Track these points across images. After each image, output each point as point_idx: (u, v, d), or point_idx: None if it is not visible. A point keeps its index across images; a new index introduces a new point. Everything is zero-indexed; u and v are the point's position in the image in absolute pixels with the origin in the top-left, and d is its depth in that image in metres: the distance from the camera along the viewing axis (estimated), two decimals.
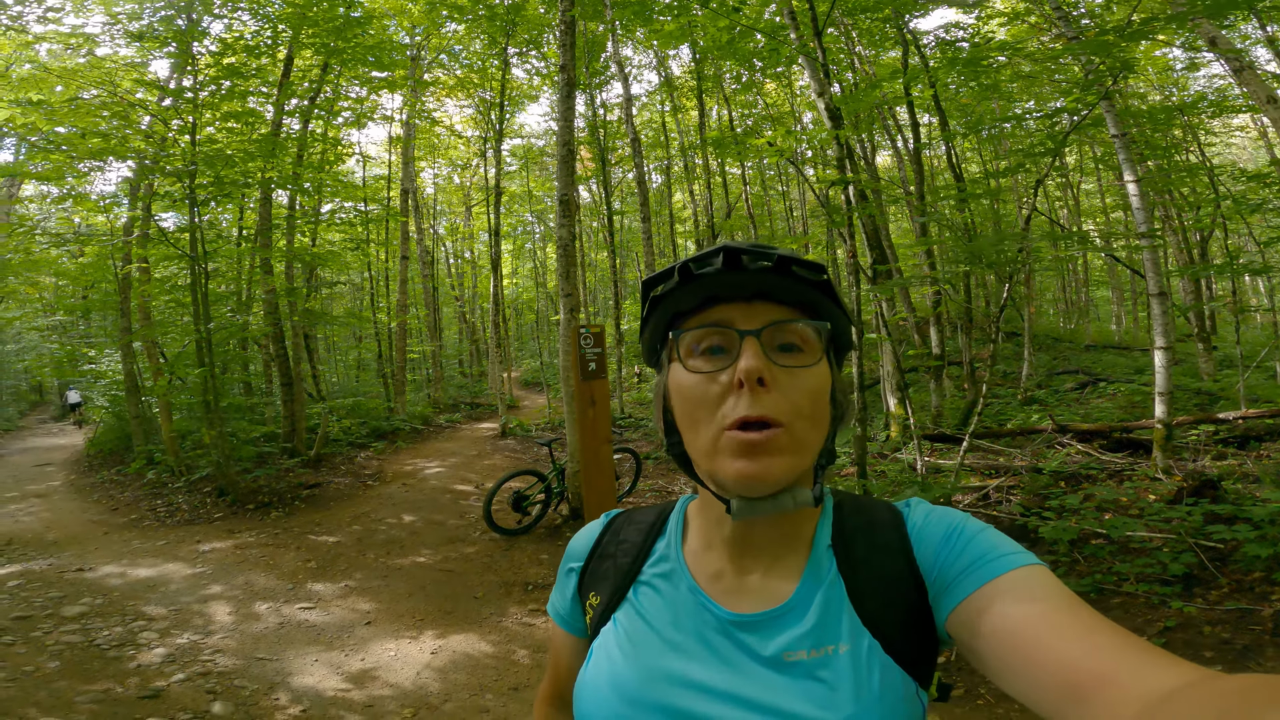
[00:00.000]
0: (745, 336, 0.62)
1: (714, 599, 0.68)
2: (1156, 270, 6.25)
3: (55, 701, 3.14)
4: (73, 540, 6.24)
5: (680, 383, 0.65)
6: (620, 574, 0.75)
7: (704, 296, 0.66)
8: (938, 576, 0.62)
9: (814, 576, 0.66)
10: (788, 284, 0.64)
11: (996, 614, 0.56)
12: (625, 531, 0.79)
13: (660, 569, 0.73)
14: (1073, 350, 15.03)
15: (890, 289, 5.97)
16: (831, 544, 0.68)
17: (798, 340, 0.64)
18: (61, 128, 7.05)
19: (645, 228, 10.67)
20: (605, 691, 0.67)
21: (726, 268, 0.63)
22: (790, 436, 0.61)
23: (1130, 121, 9.09)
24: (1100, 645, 0.49)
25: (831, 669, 0.61)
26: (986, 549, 0.61)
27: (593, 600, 0.76)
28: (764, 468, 0.60)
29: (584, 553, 0.80)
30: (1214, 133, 14.59)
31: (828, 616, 0.64)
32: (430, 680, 3.47)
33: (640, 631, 0.70)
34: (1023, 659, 0.52)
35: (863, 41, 11.46)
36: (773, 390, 0.61)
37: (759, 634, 0.65)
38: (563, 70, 6.11)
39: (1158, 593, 3.66)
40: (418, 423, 12.94)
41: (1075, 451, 6.84)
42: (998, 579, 0.58)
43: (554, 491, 6.24)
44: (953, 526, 0.64)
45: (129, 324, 9.69)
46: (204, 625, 4.15)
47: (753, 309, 0.64)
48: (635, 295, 19.74)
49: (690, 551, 0.73)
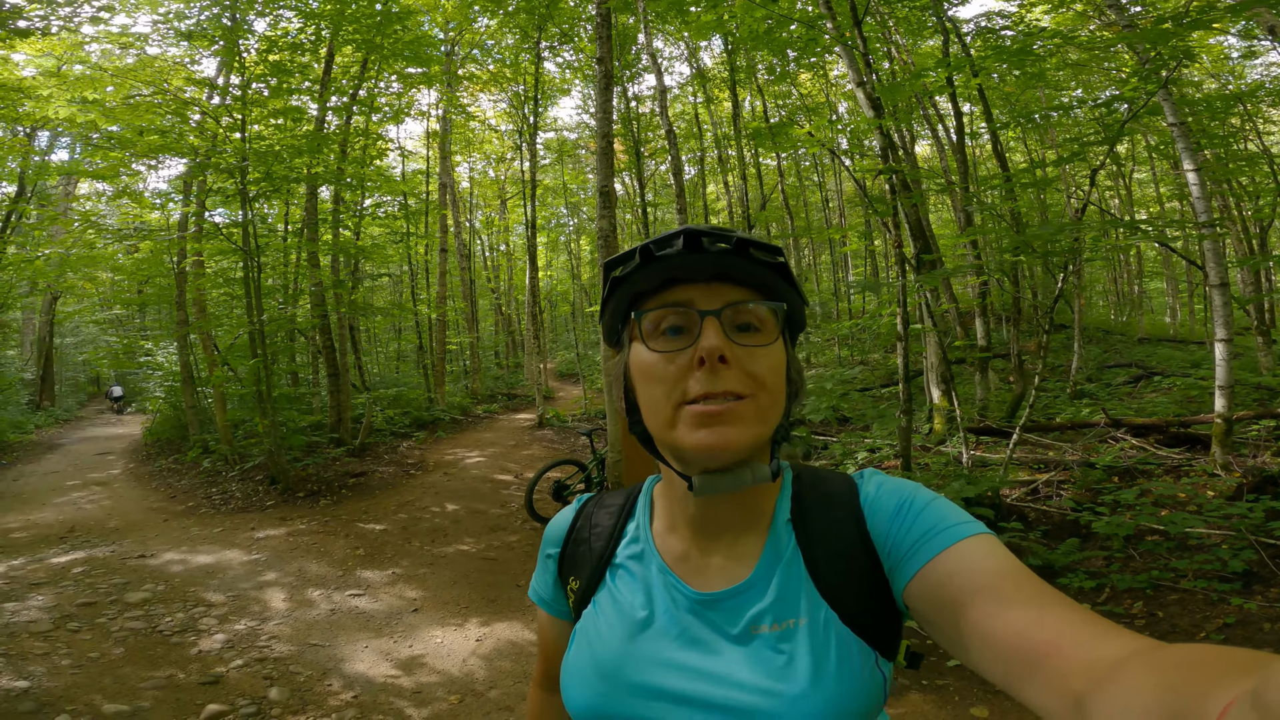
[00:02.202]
0: (706, 316, 0.63)
1: (682, 579, 0.70)
2: (1218, 260, 5.99)
3: (120, 688, 3.26)
4: (133, 527, 6.48)
5: (642, 361, 0.67)
6: (595, 557, 0.77)
7: (664, 278, 0.67)
8: (891, 549, 0.64)
9: (774, 552, 0.68)
10: (746, 266, 0.65)
11: (947, 585, 0.57)
12: (596, 516, 0.81)
13: (631, 551, 0.76)
14: (1125, 343, 14.52)
15: (936, 280, 5.84)
16: (790, 518, 0.70)
17: (755, 320, 0.66)
18: (116, 126, 7.29)
19: (681, 219, 10.61)
20: (586, 673, 0.70)
21: (687, 249, 0.64)
22: (753, 406, 0.63)
23: (1186, 110, 8.72)
24: (1046, 615, 0.50)
25: (791, 641, 0.64)
26: (936, 520, 0.62)
27: (573, 584, 0.79)
28: (724, 436, 0.62)
29: (560, 538, 0.82)
30: (1273, 121, 13.93)
31: (787, 590, 0.66)
32: (476, 667, 3.54)
33: (617, 613, 0.72)
34: (972, 629, 0.54)
35: (900, 30, 11.19)
36: (733, 367, 0.63)
37: (725, 611, 0.67)
38: (599, 63, 6.10)
39: (1216, 589, 3.55)
40: (457, 413, 13.15)
41: (1129, 446, 6.61)
42: (947, 550, 0.59)
43: (595, 481, 6.28)
44: (903, 499, 0.66)
45: (185, 317, 10.03)
46: (260, 611, 4.28)
47: (712, 290, 0.66)
48: None
49: (657, 532, 0.75)
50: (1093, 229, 5.29)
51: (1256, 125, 12.54)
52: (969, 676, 3.14)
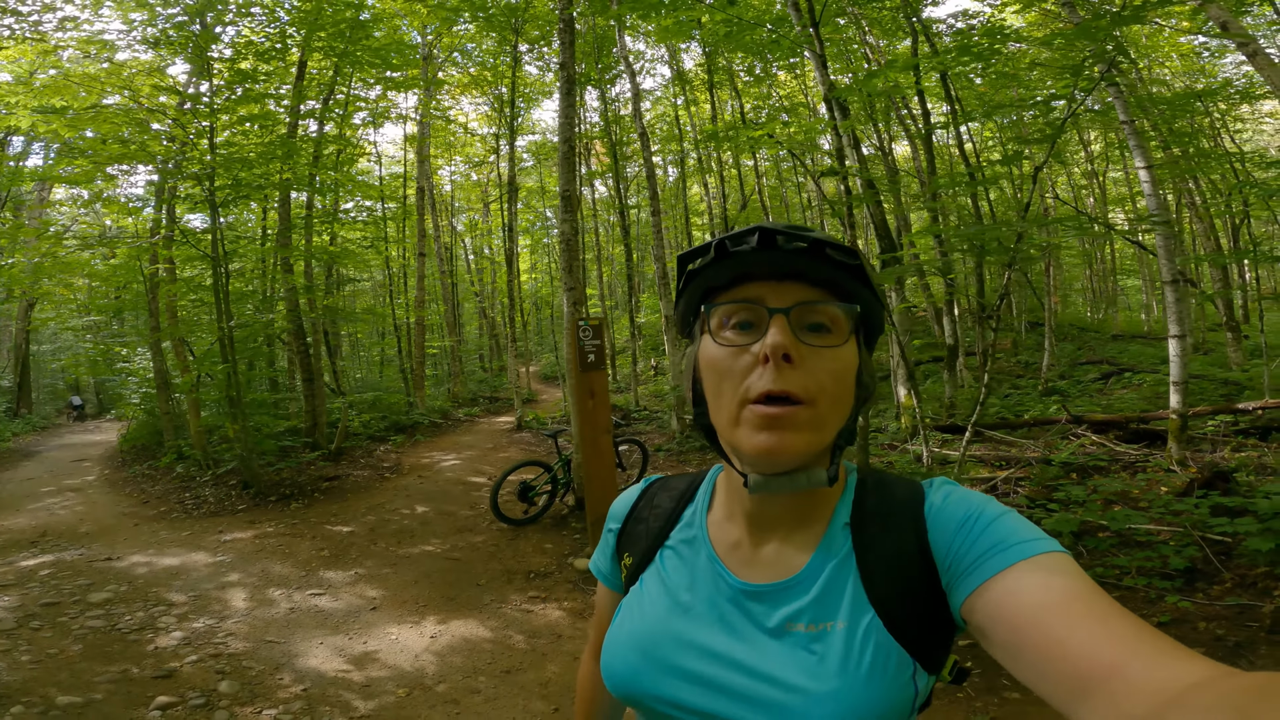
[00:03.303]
0: (774, 314, 0.64)
1: (729, 568, 0.71)
2: (1169, 256, 6.13)
3: (75, 681, 3.33)
4: (104, 532, 6.49)
5: (709, 354, 0.68)
6: (650, 537, 0.80)
7: (737, 273, 0.67)
8: (953, 562, 0.62)
9: (826, 553, 0.68)
10: (819, 266, 0.65)
11: (1009, 602, 0.55)
12: (659, 497, 0.84)
13: (685, 535, 0.77)
14: (1099, 340, 14.72)
15: (891, 278, 5.94)
16: (849, 521, 0.70)
17: (826, 321, 0.65)
18: (82, 133, 7.29)
19: (655, 220, 10.71)
20: (625, 647, 0.72)
21: (760, 246, 0.65)
22: (811, 413, 0.63)
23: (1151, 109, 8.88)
24: (1112, 636, 0.48)
25: (824, 643, 0.64)
26: (1004, 534, 0.60)
27: (626, 560, 0.81)
28: (782, 441, 0.62)
29: (622, 515, 0.85)
30: (1242, 119, 14.19)
31: (830, 592, 0.66)
32: (428, 663, 3.60)
33: (661, 593, 0.74)
34: (1033, 648, 0.51)
35: (874, 31, 11.33)
36: (798, 367, 0.62)
37: (765, 604, 0.68)
38: (562, 68, 6.19)
39: (1157, 587, 3.59)
40: (436, 416, 13.16)
41: (1090, 443, 6.72)
42: (1014, 566, 0.57)
43: (560, 482, 6.35)
44: (970, 510, 0.64)
45: (157, 323, 10.02)
46: (220, 611, 4.33)
47: (783, 288, 0.66)
48: (652, 289, 19.77)
49: (714, 520, 0.76)
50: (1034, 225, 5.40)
51: (1226, 123, 12.76)
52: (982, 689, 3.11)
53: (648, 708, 0.70)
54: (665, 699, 0.68)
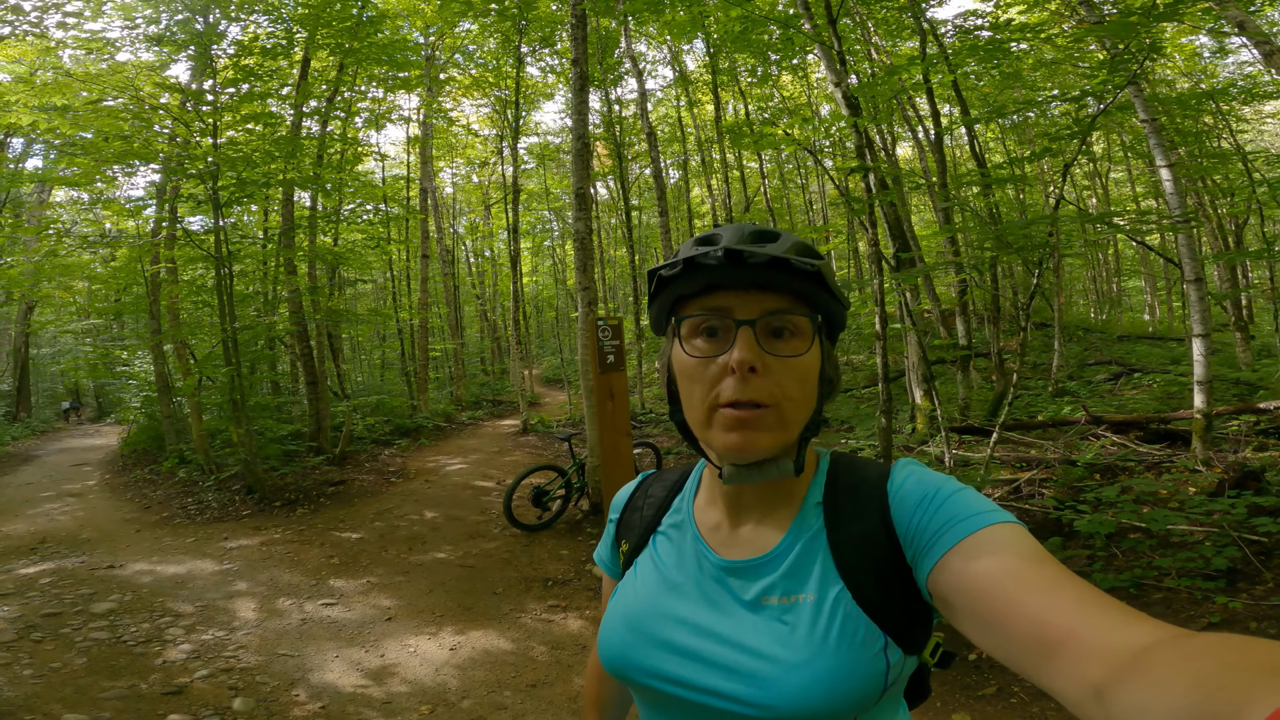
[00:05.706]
0: (741, 326, 0.67)
1: (711, 547, 0.76)
2: (1192, 256, 6.03)
3: (80, 698, 3.18)
4: (105, 538, 6.35)
5: (681, 361, 0.72)
6: (644, 525, 0.85)
7: (706, 283, 0.70)
8: (914, 538, 0.65)
9: (799, 530, 0.73)
10: (784, 277, 0.68)
11: (968, 572, 0.58)
12: (654, 488, 0.90)
13: (674, 520, 0.83)
14: (1105, 341, 14.64)
15: (914, 278, 5.84)
16: (821, 501, 0.74)
17: (790, 327, 0.69)
18: (83, 133, 7.16)
19: (663, 222, 10.60)
20: (617, 624, 0.77)
21: (729, 263, 0.67)
22: (776, 416, 0.67)
23: (1159, 108, 8.80)
24: (1066, 600, 0.50)
25: (795, 614, 0.67)
26: (959, 508, 0.63)
27: (623, 547, 0.87)
28: (751, 440, 0.67)
29: (620, 506, 0.92)
30: (1246, 120, 14.17)
31: (801, 566, 0.70)
32: (449, 677, 3.46)
33: (652, 573, 0.79)
34: (992, 615, 0.54)
35: (879, 32, 11.25)
36: (764, 376, 0.67)
37: (743, 579, 0.72)
38: (575, 64, 6.07)
39: (1200, 588, 3.52)
40: (440, 420, 13.03)
41: (1110, 443, 6.63)
42: (969, 537, 0.60)
43: (574, 486, 6.22)
44: (928, 488, 0.67)
45: (158, 326, 9.87)
46: (228, 621, 4.19)
47: (750, 298, 0.69)
48: None
49: (699, 505, 0.81)
50: (1067, 223, 5.30)
51: (1230, 123, 12.71)
52: (951, 681, 3.11)
53: (639, 683, 0.73)
54: (653, 671, 0.72)
